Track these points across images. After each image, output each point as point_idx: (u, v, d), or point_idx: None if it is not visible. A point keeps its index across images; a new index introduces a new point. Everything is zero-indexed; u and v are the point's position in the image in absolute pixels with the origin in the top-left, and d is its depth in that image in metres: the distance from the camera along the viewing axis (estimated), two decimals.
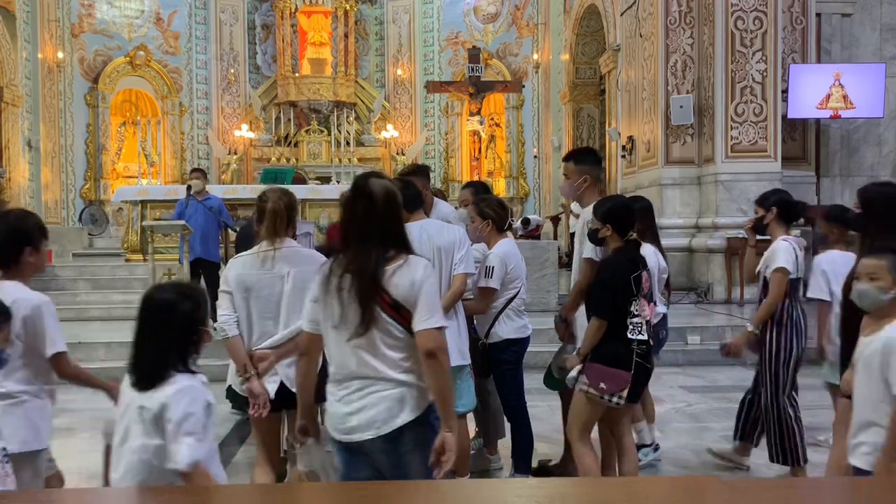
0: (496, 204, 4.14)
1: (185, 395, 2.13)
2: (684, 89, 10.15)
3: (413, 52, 17.28)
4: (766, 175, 9.54)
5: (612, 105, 12.59)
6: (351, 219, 2.47)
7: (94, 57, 15.55)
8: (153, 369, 2.17)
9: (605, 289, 3.47)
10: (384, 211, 2.44)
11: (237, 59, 16.92)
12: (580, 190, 3.93)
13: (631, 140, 11.36)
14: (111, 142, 15.80)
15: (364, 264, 2.38)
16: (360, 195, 2.46)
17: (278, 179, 13.13)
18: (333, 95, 16.56)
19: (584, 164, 3.98)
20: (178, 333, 2.20)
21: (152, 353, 2.19)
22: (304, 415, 2.63)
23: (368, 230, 2.42)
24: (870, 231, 3.26)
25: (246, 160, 16.65)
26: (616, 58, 12.10)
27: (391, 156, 16.97)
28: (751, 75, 9.65)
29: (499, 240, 4.03)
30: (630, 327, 3.44)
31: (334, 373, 2.46)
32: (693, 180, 10.20)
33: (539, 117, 16.25)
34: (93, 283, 10.14)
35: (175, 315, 2.20)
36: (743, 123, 9.66)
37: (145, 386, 2.17)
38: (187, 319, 2.21)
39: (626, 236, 3.52)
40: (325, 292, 2.44)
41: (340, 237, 2.52)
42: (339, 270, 2.42)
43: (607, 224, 3.52)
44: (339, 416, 2.43)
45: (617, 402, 3.45)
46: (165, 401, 2.13)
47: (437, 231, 3.56)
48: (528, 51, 16.36)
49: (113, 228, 15.16)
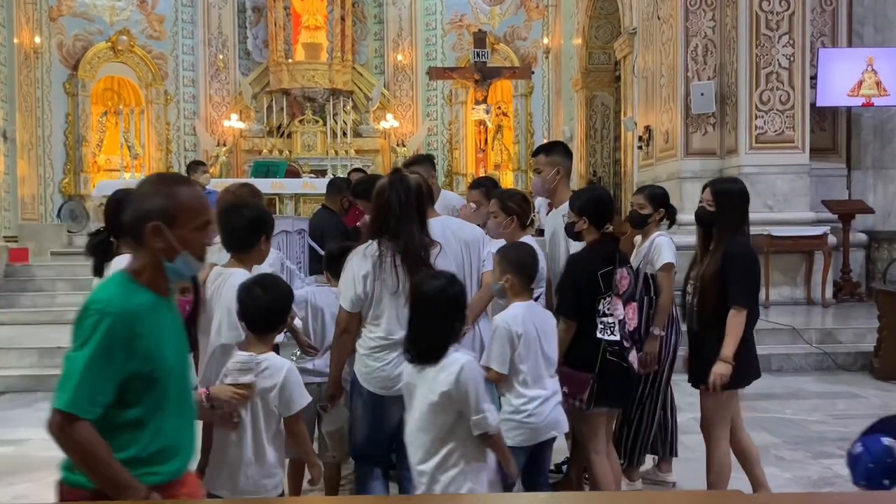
0: (520, 199, 4.04)
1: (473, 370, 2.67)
2: (705, 75, 10.13)
3: (414, 37, 17.28)
4: (793, 168, 9.52)
5: (627, 93, 12.58)
6: (387, 206, 3.11)
7: (74, 42, 15.57)
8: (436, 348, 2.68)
9: (568, 287, 3.53)
10: (418, 201, 3.14)
11: (226, 45, 16.94)
12: (553, 183, 4.02)
13: (648, 130, 11.35)
14: (92, 133, 15.83)
15: (412, 243, 3.09)
16: (399, 185, 3.12)
17: (270, 172, 13.20)
18: (329, 83, 16.58)
19: (555, 155, 4.07)
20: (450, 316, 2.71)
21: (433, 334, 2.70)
22: (335, 385, 3.34)
23: (408, 217, 3.10)
24: (722, 227, 3.61)
25: (236, 152, 16.67)
26: (632, 42, 12.09)
27: (391, 147, 16.98)
28: (777, 60, 9.63)
29: (521, 236, 3.90)
30: (600, 326, 3.46)
31: (384, 342, 3.13)
32: (715, 173, 10.17)
33: (549, 106, 16.25)
34: (73, 283, 10.16)
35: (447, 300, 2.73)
36: (768, 112, 9.64)
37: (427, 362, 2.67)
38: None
39: (602, 229, 3.56)
40: (381, 269, 3.11)
41: (375, 223, 3.18)
42: (389, 251, 3.09)
43: (583, 217, 3.56)
44: (389, 378, 3.11)
45: (578, 405, 3.45)
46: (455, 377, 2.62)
47: (459, 227, 3.60)
48: (538, 34, 16.35)
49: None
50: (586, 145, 14.61)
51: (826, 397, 6.36)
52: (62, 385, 1.93)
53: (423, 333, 2.69)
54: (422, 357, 2.68)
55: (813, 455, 4.92)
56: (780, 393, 6.43)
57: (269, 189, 11.84)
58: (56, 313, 8.90)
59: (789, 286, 9.44)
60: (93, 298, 2.00)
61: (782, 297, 9.32)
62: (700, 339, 3.69)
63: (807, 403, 6.19)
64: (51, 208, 15.15)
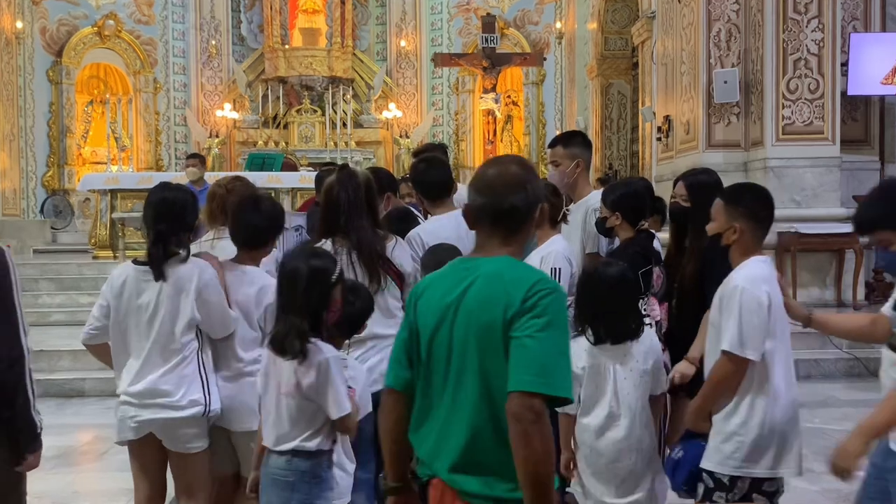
0: (550, 191, 3.64)
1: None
2: (729, 62, 10.10)
3: (419, 21, 17.29)
4: (823, 160, 9.48)
5: (645, 81, 12.55)
6: (336, 204, 3.26)
7: (58, 27, 15.62)
8: None
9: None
10: (368, 196, 3.29)
11: (219, 30, 16.97)
12: (573, 177, 3.96)
13: (667, 120, 11.32)
14: (77, 123, 15.89)
15: (365, 240, 3.23)
16: (347, 182, 3.27)
17: (266, 166, 13.20)
18: (328, 70, 16.59)
19: (574, 146, 4.01)
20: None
21: None
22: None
23: (357, 213, 3.25)
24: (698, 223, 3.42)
25: (229, 144, 16.71)
26: (651, 26, 12.06)
27: (393, 139, 17.00)
28: (805, 46, 9.59)
29: (552, 235, 3.67)
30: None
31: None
32: (739, 166, 10.15)
33: (562, 95, 16.23)
34: (57, 283, 10.20)
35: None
36: (796, 101, 9.61)
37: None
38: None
39: (637, 226, 3.53)
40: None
41: (325, 223, 3.31)
42: (344, 248, 3.21)
43: (616, 212, 3.54)
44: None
45: None
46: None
47: None
48: (551, 19, 16.33)
49: (79, 221, 15.25)
50: (601, 137, 14.59)
51: (857, 406, 6.30)
52: (543, 369, 1.91)
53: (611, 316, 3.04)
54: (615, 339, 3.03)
55: None
56: (809, 401, 6.38)
57: (264, 183, 11.82)
58: (39, 314, 8.93)
59: (818, 287, 9.41)
60: (537, 278, 2.04)
61: (811, 298, 9.28)
62: (681, 343, 3.55)
63: (837, 412, 6.17)
64: (33, 203, 15.20)
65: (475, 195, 2.12)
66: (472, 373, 2.01)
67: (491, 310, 1.98)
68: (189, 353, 3.22)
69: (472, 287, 2.03)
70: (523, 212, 2.10)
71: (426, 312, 2.11)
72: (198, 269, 3.22)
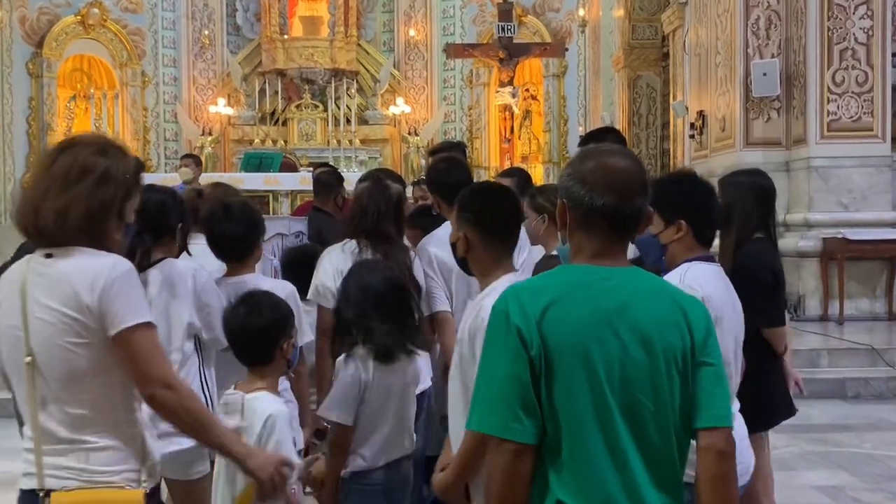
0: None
1: None
2: (768, 53, 10.09)
3: (429, 8, 17.34)
4: (873, 160, 9.45)
5: (677, 73, 12.54)
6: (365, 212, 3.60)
7: (38, 16, 15.74)
8: None
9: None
10: (396, 210, 3.68)
11: (212, 18, 17.07)
12: None
13: (702, 116, 11.32)
14: (59, 119, 15.99)
15: (395, 254, 3.56)
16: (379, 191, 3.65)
17: (263, 166, 13.23)
18: (331, 62, 16.64)
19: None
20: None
21: None
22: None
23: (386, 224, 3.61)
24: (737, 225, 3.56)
25: (223, 142, 16.79)
26: (683, 13, 12.06)
27: (402, 136, 17.04)
28: (853, 34, 9.57)
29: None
30: None
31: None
32: (780, 166, 10.13)
33: (586, 88, 16.24)
34: None
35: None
36: (843, 95, 9.59)
37: None
38: None
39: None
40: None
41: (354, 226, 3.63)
42: (368, 250, 3.50)
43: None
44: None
45: None
46: None
47: None
48: (573, 5, 16.34)
49: None
50: (629, 134, 14.56)
51: None
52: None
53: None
54: None
55: None
56: (857, 424, 6.38)
57: (261, 185, 11.90)
58: None
59: (868, 298, 9.36)
60: (698, 297, 2.20)
61: (859, 311, 9.25)
62: None
63: (888, 436, 6.13)
64: (11, 207, 15.31)
65: (591, 193, 1.95)
66: (665, 404, 1.83)
67: (672, 331, 1.85)
68: (189, 367, 3.13)
69: (632, 303, 1.86)
70: (643, 217, 2.00)
71: (563, 331, 1.81)
72: (191, 270, 3.20)
